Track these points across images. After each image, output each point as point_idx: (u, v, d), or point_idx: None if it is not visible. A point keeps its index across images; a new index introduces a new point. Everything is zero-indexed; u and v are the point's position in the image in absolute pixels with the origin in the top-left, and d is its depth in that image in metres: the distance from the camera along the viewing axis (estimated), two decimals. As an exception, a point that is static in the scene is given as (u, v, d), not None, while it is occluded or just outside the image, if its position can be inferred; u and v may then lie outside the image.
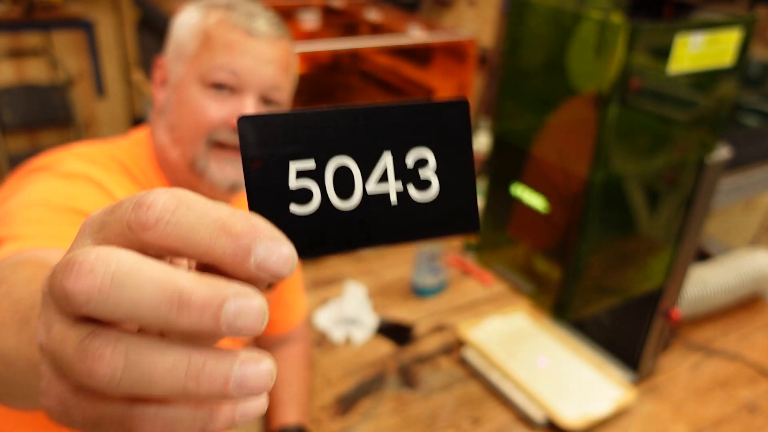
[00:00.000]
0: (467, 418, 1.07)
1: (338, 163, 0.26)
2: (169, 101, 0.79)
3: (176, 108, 0.77)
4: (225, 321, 0.22)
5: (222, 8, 0.78)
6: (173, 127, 0.78)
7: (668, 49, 0.82)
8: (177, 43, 0.79)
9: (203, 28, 0.77)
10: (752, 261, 1.37)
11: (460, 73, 1.73)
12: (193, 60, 0.77)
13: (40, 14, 2.77)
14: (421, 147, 0.28)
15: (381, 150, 0.27)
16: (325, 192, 0.26)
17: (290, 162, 0.26)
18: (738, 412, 1.12)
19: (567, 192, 0.90)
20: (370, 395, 1.10)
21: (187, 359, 0.22)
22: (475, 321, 1.26)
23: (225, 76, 0.75)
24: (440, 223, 0.28)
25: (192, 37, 0.77)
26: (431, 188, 0.28)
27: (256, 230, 0.23)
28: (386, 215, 0.27)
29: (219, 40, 0.75)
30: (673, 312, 1.10)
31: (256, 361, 0.23)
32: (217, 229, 0.23)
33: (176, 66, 0.78)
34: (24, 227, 0.60)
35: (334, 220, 0.26)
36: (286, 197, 0.26)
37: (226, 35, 0.75)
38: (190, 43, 0.77)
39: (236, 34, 0.75)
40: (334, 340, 1.24)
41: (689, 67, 0.86)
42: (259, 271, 0.23)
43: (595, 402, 1.07)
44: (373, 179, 0.27)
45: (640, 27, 0.78)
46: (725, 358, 1.26)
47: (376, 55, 1.95)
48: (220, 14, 0.77)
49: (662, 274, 1.06)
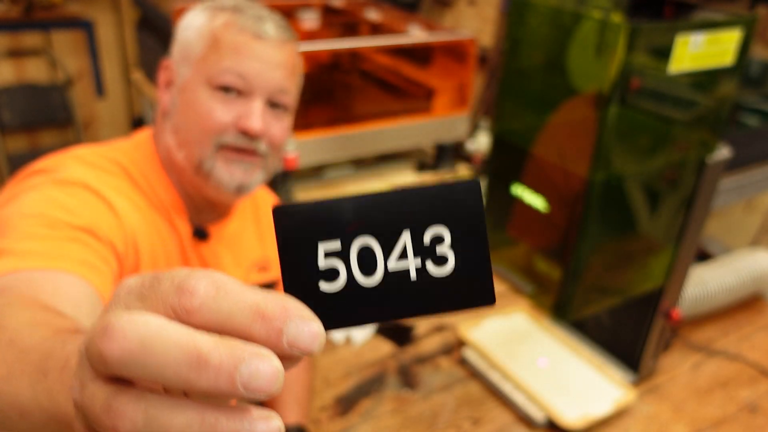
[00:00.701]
0: (467, 418, 1.07)
1: (362, 243, 0.29)
2: (175, 103, 0.78)
3: (182, 110, 0.77)
4: (240, 382, 0.24)
5: (229, 10, 0.77)
6: (179, 130, 0.77)
7: (669, 48, 0.82)
8: (183, 44, 0.78)
9: (210, 30, 0.76)
10: (753, 261, 1.36)
11: (460, 73, 1.73)
12: (199, 62, 0.76)
13: (40, 14, 2.76)
14: (438, 225, 0.30)
15: (400, 229, 0.29)
16: (351, 270, 0.29)
17: (319, 243, 0.28)
18: (739, 413, 1.12)
19: (567, 192, 0.90)
20: (370, 396, 1.10)
21: (201, 417, 0.24)
22: (475, 321, 1.26)
23: (232, 78, 0.75)
24: (457, 297, 0.30)
25: (199, 39, 0.76)
26: (447, 264, 0.30)
27: (287, 312, 0.25)
28: (406, 290, 0.29)
29: (226, 43, 0.75)
30: (673, 312, 1.10)
31: (266, 420, 0.25)
32: (253, 313, 0.25)
33: (182, 68, 0.77)
34: (18, 242, 0.60)
35: (359, 295, 0.29)
36: (316, 276, 0.28)
37: (233, 38, 0.75)
38: (197, 45, 0.76)
39: (244, 36, 0.75)
40: (334, 340, 1.23)
41: (690, 66, 0.86)
42: (291, 348, 0.25)
43: (595, 402, 1.07)
44: (394, 256, 0.29)
45: (641, 27, 0.78)
46: (726, 359, 1.26)
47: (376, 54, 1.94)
48: (228, 16, 0.76)
49: (663, 274, 1.05)
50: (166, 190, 0.80)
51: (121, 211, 0.72)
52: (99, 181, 0.72)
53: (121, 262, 0.70)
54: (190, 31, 0.77)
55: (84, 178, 0.71)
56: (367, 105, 1.76)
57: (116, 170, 0.77)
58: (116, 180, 0.75)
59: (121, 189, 0.75)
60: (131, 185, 0.77)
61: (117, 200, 0.72)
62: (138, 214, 0.75)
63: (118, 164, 0.78)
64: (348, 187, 1.66)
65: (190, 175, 0.79)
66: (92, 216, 0.68)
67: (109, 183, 0.73)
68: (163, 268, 0.77)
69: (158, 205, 0.79)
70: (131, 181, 0.78)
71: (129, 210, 0.74)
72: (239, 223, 0.91)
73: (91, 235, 0.66)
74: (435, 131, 1.74)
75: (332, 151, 1.57)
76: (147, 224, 0.76)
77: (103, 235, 0.67)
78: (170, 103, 0.79)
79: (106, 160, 0.77)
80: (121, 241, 0.70)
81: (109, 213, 0.70)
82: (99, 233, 0.67)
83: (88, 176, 0.71)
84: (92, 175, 0.72)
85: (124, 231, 0.72)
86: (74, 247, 0.63)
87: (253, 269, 0.93)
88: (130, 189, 0.77)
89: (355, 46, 1.76)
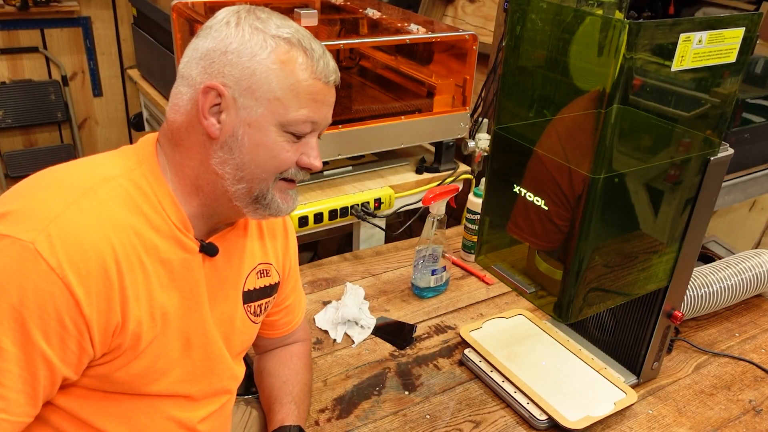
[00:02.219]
0: (468, 420, 1.05)
1: None
2: (238, 136, 0.75)
3: (251, 148, 0.76)
4: None
5: (299, 49, 0.75)
6: (244, 165, 0.77)
7: (671, 46, 0.81)
8: (248, 76, 0.74)
9: (287, 73, 0.74)
10: (757, 262, 1.35)
11: (460, 70, 1.71)
12: (274, 102, 0.74)
13: (36, 11, 2.75)
14: None
15: None
16: None
17: None
18: (743, 415, 1.11)
19: (569, 191, 0.89)
20: (369, 397, 1.09)
21: None
22: (476, 322, 1.25)
23: (308, 127, 0.78)
24: None
25: (272, 77, 0.74)
26: None
27: None
28: None
29: (304, 89, 0.75)
30: (676, 313, 1.09)
31: None
32: None
33: (247, 100, 0.74)
34: None
35: None
36: None
37: (310, 85, 0.76)
38: (270, 82, 0.74)
39: (319, 83, 0.77)
40: (334, 341, 1.22)
41: (693, 64, 0.85)
42: None
43: (597, 404, 1.06)
44: None
45: (644, 24, 0.77)
46: (729, 360, 1.25)
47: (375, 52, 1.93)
48: (302, 58, 0.75)
49: (666, 274, 1.04)
50: (174, 209, 0.78)
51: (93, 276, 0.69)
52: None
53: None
54: (258, 63, 0.74)
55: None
56: (367, 103, 1.75)
57: (105, 210, 0.72)
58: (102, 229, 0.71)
59: (116, 225, 0.72)
60: (131, 213, 0.74)
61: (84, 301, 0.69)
62: (136, 239, 0.73)
63: (117, 192, 0.74)
64: (347, 186, 1.65)
65: (242, 203, 0.79)
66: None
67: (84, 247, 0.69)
68: (165, 284, 0.77)
69: (159, 227, 0.76)
70: (132, 210, 0.74)
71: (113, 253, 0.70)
72: (242, 230, 0.90)
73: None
74: (435, 130, 1.73)
75: (331, 149, 1.55)
76: (147, 245, 0.74)
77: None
78: (231, 134, 0.75)
79: (96, 200, 0.72)
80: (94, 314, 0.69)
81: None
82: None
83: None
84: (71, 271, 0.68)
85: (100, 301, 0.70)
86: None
87: (254, 274, 0.92)
88: (127, 219, 0.73)
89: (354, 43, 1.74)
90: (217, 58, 0.74)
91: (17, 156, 2.97)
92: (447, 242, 1.35)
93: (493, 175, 1.04)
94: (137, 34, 2.39)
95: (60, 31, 2.89)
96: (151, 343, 0.76)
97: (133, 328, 0.74)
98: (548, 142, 0.92)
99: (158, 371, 0.79)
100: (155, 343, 0.77)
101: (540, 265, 1.02)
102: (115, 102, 3.16)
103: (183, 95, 0.77)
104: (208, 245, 0.82)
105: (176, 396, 0.84)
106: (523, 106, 0.96)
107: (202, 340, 0.84)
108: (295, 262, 1.04)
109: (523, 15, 0.91)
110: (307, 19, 1.61)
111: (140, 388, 0.78)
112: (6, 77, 2.85)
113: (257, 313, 0.94)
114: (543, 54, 0.90)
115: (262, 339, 1.05)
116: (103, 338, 0.71)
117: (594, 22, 0.81)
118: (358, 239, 1.69)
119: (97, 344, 0.71)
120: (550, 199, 0.92)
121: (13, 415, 0.67)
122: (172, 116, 0.79)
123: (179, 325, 0.80)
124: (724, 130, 0.94)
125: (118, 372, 0.75)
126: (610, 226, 0.91)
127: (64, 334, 0.68)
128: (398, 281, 1.44)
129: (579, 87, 0.86)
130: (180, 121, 0.78)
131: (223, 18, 0.76)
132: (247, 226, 0.91)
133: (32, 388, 0.68)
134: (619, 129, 0.82)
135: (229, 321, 0.89)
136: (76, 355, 0.70)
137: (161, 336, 0.77)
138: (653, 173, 0.92)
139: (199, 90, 0.75)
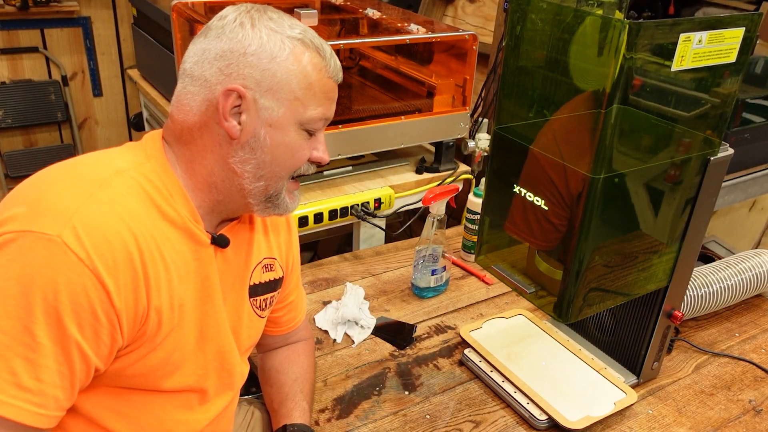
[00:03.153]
0: (468, 420, 1.05)
1: None
2: (260, 137, 0.76)
3: (272, 147, 0.78)
4: None
5: (313, 50, 0.77)
6: (265, 164, 0.78)
7: (672, 46, 0.81)
8: (269, 77, 0.75)
9: (304, 72, 0.76)
10: (757, 262, 1.35)
11: (460, 70, 1.71)
12: (294, 102, 0.76)
13: (36, 11, 2.75)
14: None
15: None
16: None
17: None
18: (743, 415, 1.11)
19: (568, 191, 0.89)
20: (369, 397, 1.09)
21: None
22: (476, 322, 1.25)
23: (322, 124, 0.81)
24: None
25: (291, 78, 0.75)
26: None
27: None
28: None
29: (319, 88, 0.78)
30: (676, 313, 1.09)
31: None
32: None
33: (268, 101, 0.75)
34: None
35: None
36: None
37: (324, 84, 0.79)
38: (290, 83, 0.75)
39: (331, 82, 0.80)
40: (334, 341, 1.22)
41: (693, 64, 0.85)
42: None
43: (597, 404, 1.06)
44: None
45: (644, 24, 0.77)
46: (729, 360, 1.25)
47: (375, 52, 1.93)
48: (317, 59, 0.77)
49: (666, 274, 1.04)
50: (184, 202, 0.78)
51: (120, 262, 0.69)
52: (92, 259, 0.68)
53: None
54: (278, 65, 0.75)
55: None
56: (367, 103, 1.75)
57: (123, 199, 0.72)
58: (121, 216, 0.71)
59: (135, 217, 0.72)
60: (144, 205, 0.74)
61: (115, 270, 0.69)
62: (154, 229, 0.74)
63: (129, 184, 0.74)
64: (347, 186, 1.65)
65: (255, 200, 0.81)
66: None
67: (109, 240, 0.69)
68: (182, 275, 0.77)
69: (172, 218, 0.76)
70: (145, 202, 0.74)
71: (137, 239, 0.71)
72: (248, 224, 0.90)
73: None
74: (435, 130, 1.72)
75: (331, 149, 1.55)
76: (162, 237, 0.74)
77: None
78: (252, 134, 0.76)
79: (114, 193, 0.72)
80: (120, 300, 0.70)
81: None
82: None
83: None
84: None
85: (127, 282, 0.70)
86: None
87: (260, 268, 0.92)
88: (142, 211, 0.73)
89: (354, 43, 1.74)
90: (236, 59, 0.74)
91: (17, 156, 2.97)
92: (447, 242, 1.35)
93: (493, 175, 1.04)
94: (137, 34, 2.39)
95: (60, 31, 2.89)
96: (168, 334, 0.77)
97: (155, 318, 0.74)
98: (548, 141, 0.92)
99: (173, 364, 0.79)
100: (172, 335, 0.77)
101: (540, 265, 1.02)
102: (115, 102, 3.16)
103: (195, 95, 0.77)
104: (219, 237, 0.82)
105: (188, 391, 0.84)
106: (523, 106, 0.96)
107: (214, 332, 0.84)
108: (297, 259, 1.04)
109: (523, 15, 0.91)
110: (307, 19, 1.61)
111: (155, 383, 0.79)
112: (6, 77, 2.85)
113: (263, 307, 0.95)
114: (543, 54, 0.90)
115: (267, 337, 1.05)
116: (131, 328, 0.72)
117: (594, 22, 0.81)
118: (358, 239, 1.69)
119: (125, 334, 0.71)
120: (550, 199, 0.92)
121: (51, 410, 0.67)
122: (180, 116, 0.78)
123: (194, 316, 0.80)
124: (724, 130, 0.94)
125: (135, 365, 0.75)
126: (610, 226, 0.91)
127: (97, 326, 0.68)
128: (398, 281, 1.44)
129: (579, 87, 0.86)
130: (192, 122, 0.77)
131: (234, 18, 0.76)
132: (253, 221, 0.91)
133: (69, 383, 0.68)
134: (619, 129, 0.82)
135: (237, 315, 0.90)
136: (107, 347, 0.70)
137: (178, 327, 0.78)
138: (653, 173, 0.92)
139: (218, 92, 0.75)
